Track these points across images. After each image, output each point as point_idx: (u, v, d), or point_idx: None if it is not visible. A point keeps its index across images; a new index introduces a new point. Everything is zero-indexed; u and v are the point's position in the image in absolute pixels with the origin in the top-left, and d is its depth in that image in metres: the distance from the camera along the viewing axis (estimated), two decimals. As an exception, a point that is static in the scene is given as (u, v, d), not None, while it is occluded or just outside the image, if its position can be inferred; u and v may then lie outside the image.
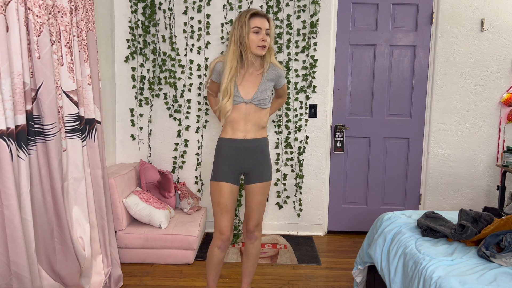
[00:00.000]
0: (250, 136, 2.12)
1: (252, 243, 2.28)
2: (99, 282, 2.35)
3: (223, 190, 2.10)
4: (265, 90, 2.10)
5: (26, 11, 1.82)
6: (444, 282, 1.51)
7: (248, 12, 2.02)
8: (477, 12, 3.32)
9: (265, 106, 2.12)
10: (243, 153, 2.12)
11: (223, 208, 2.11)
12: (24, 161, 1.82)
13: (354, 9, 3.40)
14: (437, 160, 3.48)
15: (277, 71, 2.15)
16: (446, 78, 3.39)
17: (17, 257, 1.76)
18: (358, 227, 3.61)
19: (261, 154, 2.16)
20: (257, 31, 2.01)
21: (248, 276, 2.35)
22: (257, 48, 2.03)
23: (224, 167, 2.12)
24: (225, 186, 2.10)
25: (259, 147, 2.15)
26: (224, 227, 2.13)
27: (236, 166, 2.13)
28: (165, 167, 3.49)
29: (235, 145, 2.12)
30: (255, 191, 2.17)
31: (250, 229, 2.24)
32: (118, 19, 3.32)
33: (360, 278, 2.39)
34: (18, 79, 1.76)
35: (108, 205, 2.53)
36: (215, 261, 2.20)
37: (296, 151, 3.46)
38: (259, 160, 2.16)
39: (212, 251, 2.19)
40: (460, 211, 2.02)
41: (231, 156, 2.12)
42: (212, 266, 2.22)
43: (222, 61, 2.12)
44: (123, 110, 3.42)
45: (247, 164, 2.14)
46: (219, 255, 2.18)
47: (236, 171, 2.14)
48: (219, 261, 2.21)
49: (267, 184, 2.20)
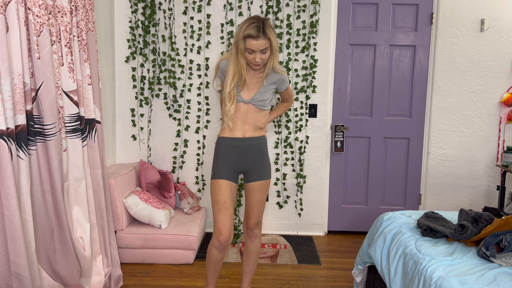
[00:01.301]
0: (249, 134, 2.15)
1: (252, 241, 2.29)
2: (99, 282, 2.35)
3: (222, 187, 2.10)
4: (266, 92, 2.12)
5: (26, 11, 1.82)
6: (444, 282, 1.51)
7: (245, 31, 1.95)
8: (477, 12, 3.32)
9: (264, 108, 2.14)
10: (241, 152, 2.14)
11: (221, 205, 2.09)
12: (24, 161, 1.82)
13: (354, 9, 3.40)
14: (437, 160, 3.48)
15: (279, 75, 2.17)
16: (446, 78, 3.39)
17: (17, 257, 1.76)
18: (358, 227, 3.61)
19: (259, 152, 2.18)
20: (251, 52, 1.99)
21: (248, 275, 2.36)
22: (252, 65, 2.06)
23: (223, 165, 2.14)
24: (224, 183, 2.11)
25: (257, 146, 2.17)
26: (222, 226, 2.08)
27: (235, 164, 2.15)
28: (165, 167, 3.49)
29: (234, 144, 2.14)
30: (255, 189, 2.18)
31: (251, 227, 2.25)
32: (118, 19, 3.32)
33: (360, 278, 2.39)
34: (18, 79, 1.76)
35: (108, 205, 2.53)
36: (213, 260, 2.19)
37: (297, 151, 3.46)
38: (258, 159, 2.17)
39: (210, 250, 2.18)
40: (460, 211, 2.02)
41: (230, 155, 2.14)
42: (211, 265, 2.22)
43: (227, 59, 2.13)
44: (123, 110, 3.42)
45: (246, 163, 2.16)
46: (217, 255, 2.16)
47: (235, 169, 2.15)
48: (217, 261, 2.20)
49: (267, 182, 2.21)
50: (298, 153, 3.45)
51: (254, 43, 1.96)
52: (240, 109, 2.11)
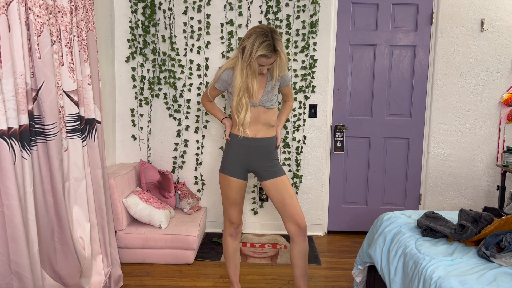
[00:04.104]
0: (260, 135, 2.18)
1: (305, 240, 2.18)
2: (99, 282, 2.35)
3: (232, 185, 2.20)
4: (271, 91, 2.15)
5: (27, 11, 1.82)
6: (444, 282, 1.51)
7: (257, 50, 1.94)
8: (477, 12, 3.32)
9: (272, 106, 2.18)
10: (251, 151, 2.18)
11: (231, 201, 2.24)
12: (28, 160, 1.82)
13: (354, 9, 3.40)
14: (437, 160, 3.48)
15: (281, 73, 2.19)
16: (446, 78, 3.40)
17: (18, 257, 1.76)
18: (358, 227, 3.61)
19: (269, 153, 2.21)
20: (261, 65, 2.04)
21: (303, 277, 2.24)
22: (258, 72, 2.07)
23: (233, 162, 2.20)
24: (234, 181, 2.20)
25: (267, 146, 2.21)
26: (234, 217, 2.28)
27: (244, 163, 2.20)
28: (165, 167, 3.49)
29: (245, 143, 2.18)
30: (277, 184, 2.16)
31: (302, 226, 2.15)
32: (118, 19, 3.32)
33: (360, 278, 2.39)
34: (20, 79, 1.76)
35: (108, 205, 2.53)
36: (230, 250, 2.34)
37: (294, 151, 3.46)
38: (267, 159, 2.20)
39: (225, 240, 2.34)
40: (460, 211, 2.02)
41: (240, 153, 2.19)
42: (230, 256, 2.35)
43: (230, 69, 2.12)
44: (123, 110, 3.42)
45: (255, 162, 2.19)
46: (232, 243, 2.33)
47: (244, 167, 2.21)
48: (234, 250, 2.35)
49: (285, 177, 2.19)
50: (295, 153, 3.45)
51: (265, 61, 2.00)
52: (252, 113, 2.14)
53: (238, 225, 2.32)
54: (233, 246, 2.35)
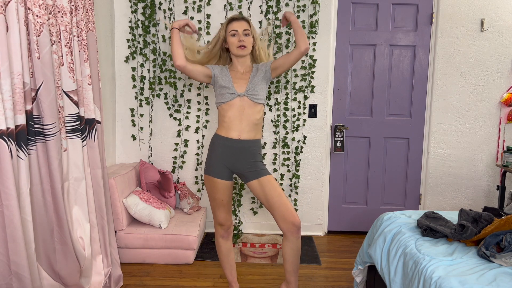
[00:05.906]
0: (244, 136, 2.17)
1: (298, 237, 2.12)
2: (99, 282, 2.35)
3: (218, 186, 2.21)
4: (257, 84, 2.18)
5: (26, 11, 1.82)
6: (444, 282, 1.51)
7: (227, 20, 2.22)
8: (477, 12, 3.32)
9: (258, 101, 2.19)
10: (235, 153, 2.18)
11: (219, 203, 2.24)
12: (24, 161, 1.82)
13: (354, 9, 3.40)
14: (437, 160, 3.48)
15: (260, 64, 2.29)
16: (446, 78, 3.39)
17: (17, 257, 1.76)
18: (358, 227, 3.61)
19: (253, 156, 2.20)
20: (234, 34, 2.17)
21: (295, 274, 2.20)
22: (237, 49, 2.18)
23: (217, 164, 2.19)
24: (219, 183, 2.20)
25: (251, 149, 2.19)
26: (222, 218, 2.28)
27: (228, 165, 2.20)
28: (165, 167, 3.49)
29: (229, 144, 2.18)
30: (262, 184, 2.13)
31: (297, 223, 2.09)
32: (118, 19, 3.32)
33: (360, 278, 2.39)
34: (18, 79, 1.76)
35: (108, 205, 2.53)
36: (223, 251, 2.35)
37: (293, 151, 3.46)
38: (251, 161, 2.19)
39: (218, 242, 2.35)
40: (460, 211, 2.02)
41: (224, 154, 2.18)
42: (224, 257, 2.36)
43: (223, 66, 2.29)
44: (123, 110, 3.42)
45: (239, 164, 2.19)
46: (225, 244, 2.34)
47: (228, 169, 2.21)
48: (228, 251, 2.36)
49: (270, 177, 2.17)
50: (294, 153, 3.45)
51: (236, 24, 2.17)
52: (235, 105, 2.16)
53: (228, 227, 2.31)
54: (226, 247, 2.35)
